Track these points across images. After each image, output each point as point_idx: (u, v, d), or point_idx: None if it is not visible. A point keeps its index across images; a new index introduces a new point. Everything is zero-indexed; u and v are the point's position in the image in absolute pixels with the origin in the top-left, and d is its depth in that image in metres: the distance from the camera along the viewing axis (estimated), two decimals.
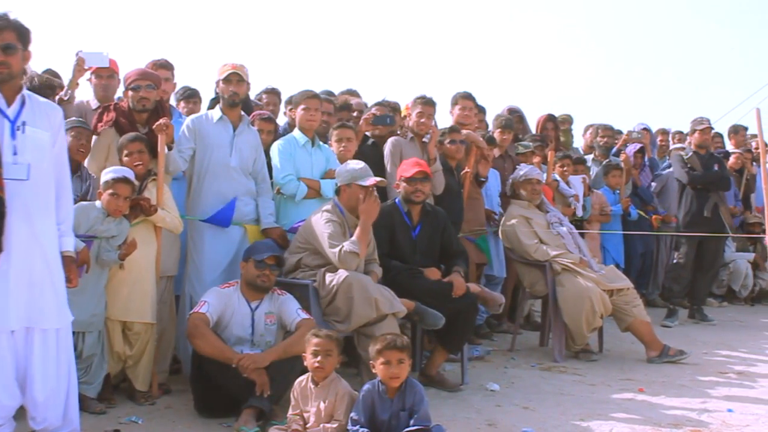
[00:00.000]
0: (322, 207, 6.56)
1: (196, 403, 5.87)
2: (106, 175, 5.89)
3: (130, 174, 5.96)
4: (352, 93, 9.66)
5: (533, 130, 10.69)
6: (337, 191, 6.60)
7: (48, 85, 6.53)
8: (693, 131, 10.63)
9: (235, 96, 6.76)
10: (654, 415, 6.14)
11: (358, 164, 6.61)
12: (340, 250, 6.18)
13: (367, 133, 8.23)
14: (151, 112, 6.56)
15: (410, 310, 6.41)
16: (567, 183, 9.92)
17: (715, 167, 10.60)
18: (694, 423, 5.99)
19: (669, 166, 11.88)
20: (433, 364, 6.94)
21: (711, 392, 6.95)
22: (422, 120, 8.08)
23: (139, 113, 6.55)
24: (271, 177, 7.09)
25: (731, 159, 12.60)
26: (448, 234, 7.23)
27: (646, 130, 12.40)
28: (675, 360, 7.99)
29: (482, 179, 8.80)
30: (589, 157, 11.42)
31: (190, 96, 8.36)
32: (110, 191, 5.81)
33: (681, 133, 13.14)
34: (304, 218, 6.73)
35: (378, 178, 6.58)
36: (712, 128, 10.81)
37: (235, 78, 6.75)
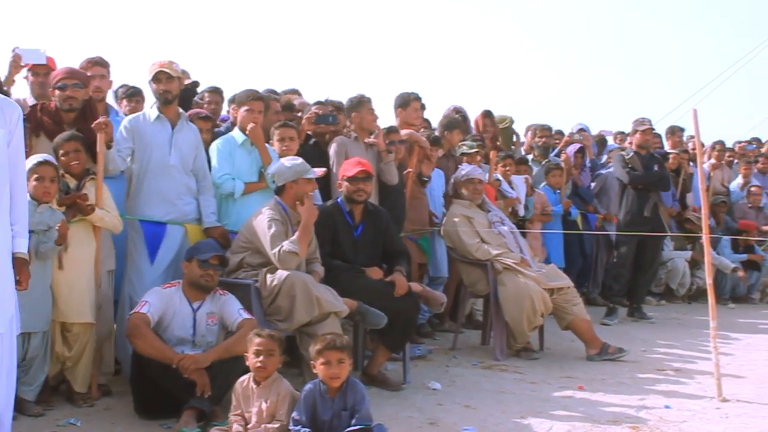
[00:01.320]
0: (265, 205, 6.53)
1: (135, 405, 5.80)
2: (29, 164, 5.78)
3: (50, 157, 5.88)
4: (295, 92, 9.62)
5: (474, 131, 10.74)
6: (280, 189, 6.58)
7: None
8: (635, 131, 10.75)
9: (167, 94, 6.69)
10: (593, 412, 6.22)
11: (295, 160, 6.63)
12: (280, 250, 6.16)
13: (309, 133, 8.20)
14: (79, 112, 6.44)
15: (352, 310, 6.41)
16: (509, 183, 9.99)
17: (655, 167, 10.74)
18: (633, 419, 6.08)
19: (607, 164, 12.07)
20: (375, 364, 6.94)
21: (649, 389, 7.05)
22: (369, 117, 8.09)
23: (66, 113, 6.42)
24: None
25: (669, 159, 12.79)
26: (390, 233, 7.24)
27: (584, 130, 12.54)
28: (614, 358, 8.09)
29: (425, 179, 8.82)
30: (529, 157, 11.51)
31: (132, 95, 8.27)
32: (35, 176, 5.69)
33: (622, 133, 13.30)
34: (245, 216, 6.70)
35: (322, 169, 6.58)
36: (653, 129, 10.96)
37: (164, 76, 6.67)
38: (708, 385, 7.01)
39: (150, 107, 7.01)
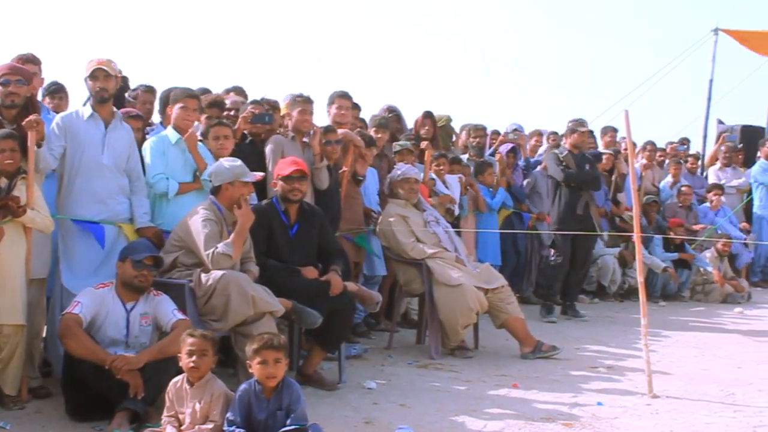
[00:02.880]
0: (199, 205, 6.49)
1: (67, 407, 5.72)
2: None
3: None
4: (239, 91, 9.54)
5: (411, 130, 10.77)
6: (216, 189, 6.54)
7: None
8: (573, 131, 10.85)
9: (103, 92, 6.59)
10: (527, 410, 6.28)
11: (234, 161, 6.59)
12: (213, 252, 6.12)
13: (245, 132, 8.16)
14: (20, 109, 6.34)
15: (288, 309, 6.38)
16: (444, 182, 10.04)
17: (587, 167, 10.87)
18: (566, 417, 6.15)
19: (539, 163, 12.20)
20: (311, 363, 6.93)
21: (582, 386, 7.14)
22: (305, 117, 8.07)
23: (7, 109, 6.30)
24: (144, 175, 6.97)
25: (603, 159, 12.96)
26: (325, 233, 7.24)
27: (518, 130, 12.64)
28: (548, 355, 8.17)
29: (360, 178, 8.82)
30: (464, 157, 11.56)
31: (56, 91, 8.14)
32: None
33: (555, 134, 13.44)
34: (179, 216, 6.65)
35: (260, 174, 6.56)
36: (591, 131, 11.11)
37: (102, 74, 6.57)
38: (639, 382, 7.12)
39: (83, 105, 6.91)
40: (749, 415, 6.34)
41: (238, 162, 6.60)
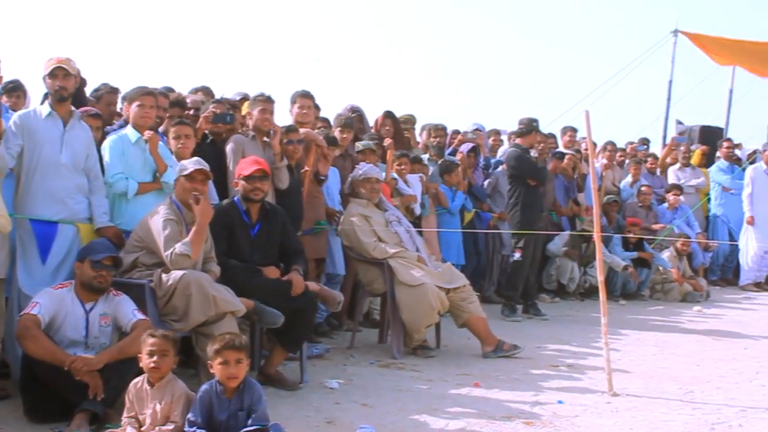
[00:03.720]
0: (160, 205, 6.45)
1: (25, 408, 5.64)
2: None
3: None
4: (207, 92, 9.49)
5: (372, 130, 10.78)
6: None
7: None
8: (527, 132, 10.91)
9: (62, 90, 6.52)
10: (488, 409, 6.30)
11: (192, 160, 6.59)
12: (172, 252, 6.09)
13: (206, 131, 8.12)
14: None
15: (249, 309, 6.36)
16: (405, 181, 10.06)
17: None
18: (527, 415, 6.17)
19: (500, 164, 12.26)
20: (272, 363, 6.91)
21: (543, 385, 7.17)
22: (265, 117, 8.05)
23: None
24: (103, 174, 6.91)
25: (564, 159, 13.05)
26: (287, 232, 7.22)
27: (479, 130, 12.69)
28: (509, 354, 8.20)
29: (322, 177, 8.81)
30: (425, 157, 11.58)
31: (14, 89, 8.04)
32: None
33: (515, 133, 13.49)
34: (139, 216, 6.60)
35: (199, 166, 6.47)
36: (539, 131, 11.18)
37: (61, 72, 6.51)
38: (599, 380, 7.17)
39: (41, 103, 6.84)
40: (707, 412, 6.40)
41: (194, 159, 6.61)
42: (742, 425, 6.09)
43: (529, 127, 10.88)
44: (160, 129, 7.71)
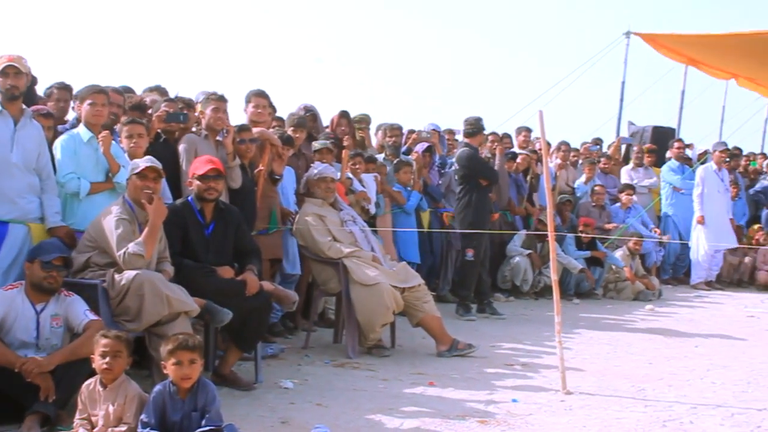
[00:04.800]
0: (113, 204, 6.39)
1: None
2: None
3: None
4: (159, 90, 9.42)
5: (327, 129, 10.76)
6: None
7: None
8: (476, 131, 10.96)
9: (14, 89, 6.44)
10: (443, 408, 6.31)
11: (143, 158, 6.54)
12: (125, 252, 6.04)
13: (159, 131, 8.06)
14: None
15: (201, 308, 6.32)
16: (360, 181, 10.06)
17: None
18: (481, 414, 6.20)
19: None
20: (227, 364, 6.87)
21: (497, 384, 7.20)
22: (218, 116, 8.01)
23: None
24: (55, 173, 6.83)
25: (519, 159, 13.14)
26: (241, 232, 7.18)
27: (435, 130, 12.73)
28: (464, 353, 8.23)
29: (277, 177, 8.78)
30: (381, 156, 11.59)
31: None
32: None
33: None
34: (92, 216, 6.54)
35: (150, 164, 6.42)
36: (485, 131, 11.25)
37: (12, 71, 6.42)
38: (553, 379, 7.22)
39: None
40: (659, 409, 6.47)
41: (146, 158, 6.57)
42: (693, 422, 6.16)
43: (477, 127, 10.92)
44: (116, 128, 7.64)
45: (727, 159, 15.93)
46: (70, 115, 8.57)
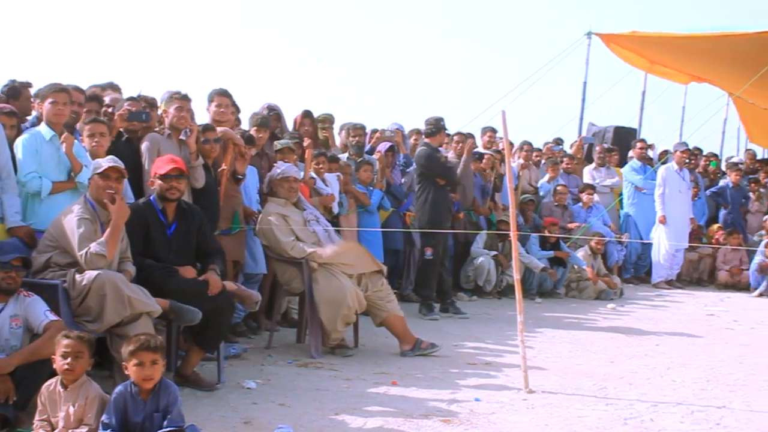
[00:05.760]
0: (74, 204, 6.34)
1: None
2: None
3: None
4: (113, 87, 9.35)
5: (291, 129, 10.74)
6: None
7: None
8: (437, 130, 10.98)
9: None
10: (406, 407, 6.32)
11: (107, 158, 6.50)
12: (87, 252, 5.99)
13: (122, 129, 8.00)
14: None
15: (165, 309, 6.29)
16: (323, 180, 10.05)
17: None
18: (444, 413, 6.22)
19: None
20: (189, 364, 6.84)
21: (460, 383, 7.23)
22: (182, 115, 7.97)
23: None
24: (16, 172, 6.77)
25: (484, 159, 13.18)
26: (204, 232, 7.15)
27: (399, 129, 12.74)
28: (427, 353, 8.25)
29: (240, 177, 8.75)
30: (344, 156, 11.58)
31: None
32: None
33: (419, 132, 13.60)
34: (53, 215, 6.48)
35: (113, 164, 6.38)
36: (446, 130, 11.25)
37: None
38: (516, 378, 7.25)
39: None
40: (620, 408, 6.53)
41: (109, 157, 6.53)
42: (653, 419, 6.22)
43: (438, 126, 10.93)
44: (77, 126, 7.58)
45: (688, 159, 16.07)
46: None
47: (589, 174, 16.34)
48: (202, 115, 8.88)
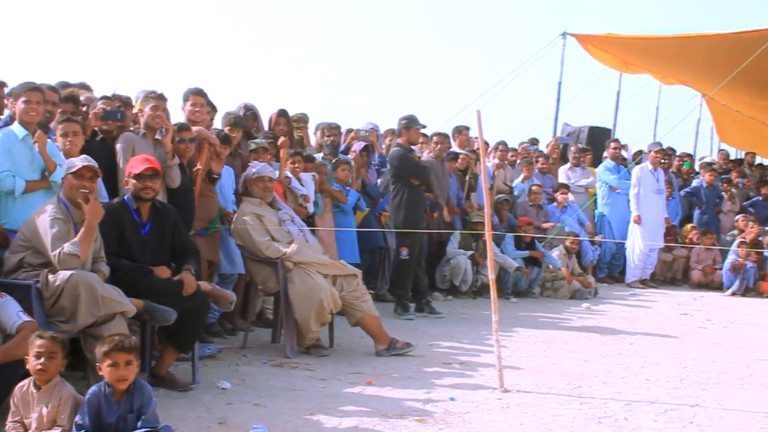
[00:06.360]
0: (47, 203, 6.30)
1: None
2: None
3: None
4: (85, 87, 9.30)
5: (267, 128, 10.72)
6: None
7: None
8: (407, 129, 11.00)
9: None
10: (381, 407, 6.33)
11: (80, 157, 6.46)
12: (60, 252, 5.96)
13: (96, 129, 7.96)
14: None
15: (139, 309, 6.26)
16: (299, 180, 10.04)
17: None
18: (419, 413, 6.22)
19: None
20: (163, 364, 6.82)
21: (435, 382, 7.24)
22: (157, 114, 7.93)
23: None
24: None
25: (459, 159, 13.21)
26: (178, 232, 7.13)
27: (374, 129, 12.75)
28: (402, 353, 8.25)
29: (215, 176, 8.72)
30: (319, 156, 11.57)
31: None
32: None
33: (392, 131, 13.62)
34: (26, 215, 6.44)
35: (87, 163, 6.34)
36: (424, 126, 11.22)
37: None
38: (491, 377, 7.27)
39: None
40: (594, 406, 6.56)
41: (83, 157, 6.49)
42: (627, 418, 6.26)
43: (408, 123, 10.94)
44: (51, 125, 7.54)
45: (663, 160, 16.17)
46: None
47: (564, 174, 16.42)
48: (178, 115, 8.85)
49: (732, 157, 21.37)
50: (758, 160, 20.68)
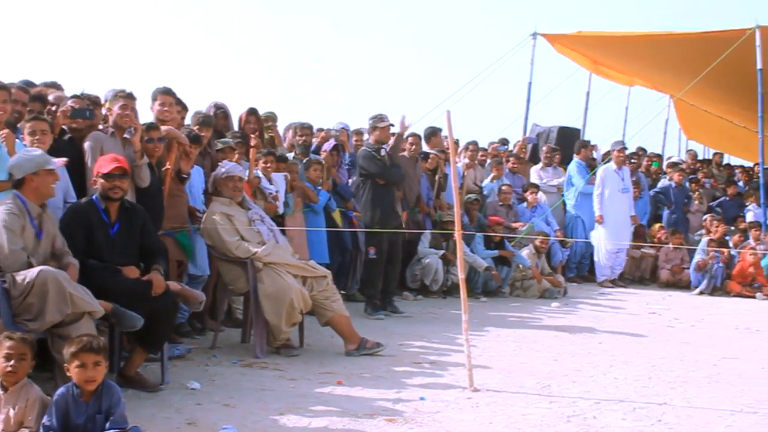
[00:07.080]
0: (5, 198, 6.24)
1: None
2: None
3: None
4: (55, 86, 9.22)
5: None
6: (19, 182, 6.28)
7: None
8: (374, 128, 11.04)
9: None
10: (351, 407, 6.33)
11: (35, 151, 6.44)
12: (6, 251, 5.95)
13: (65, 127, 7.90)
14: None
15: (107, 312, 6.22)
16: (270, 180, 10.01)
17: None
18: (389, 412, 6.24)
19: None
20: (132, 365, 6.78)
21: (405, 382, 7.25)
22: (126, 113, 7.89)
23: None
24: None
25: (429, 159, 13.22)
26: (147, 231, 7.09)
27: (345, 129, 12.75)
28: (372, 352, 8.26)
29: (184, 176, 8.69)
30: (291, 155, 11.56)
31: None
32: None
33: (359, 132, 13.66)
34: None
35: (63, 159, 6.32)
36: (392, 125, 11.21)
37: None
38: (461, 376, 7.29)
39: None
40: (564, 405, 6.60)
41: (39, 151, 6.46)
42: (596, 417, 6.30)
43: (375, 122, 10.98)
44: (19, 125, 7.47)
45: (633, 160, 16.26)
46: None
47: (536, 174, 16.48)
48: (146, 114, 8.81)
49: (700, 157, 21.55)
50: (726, 159, 20.88)
